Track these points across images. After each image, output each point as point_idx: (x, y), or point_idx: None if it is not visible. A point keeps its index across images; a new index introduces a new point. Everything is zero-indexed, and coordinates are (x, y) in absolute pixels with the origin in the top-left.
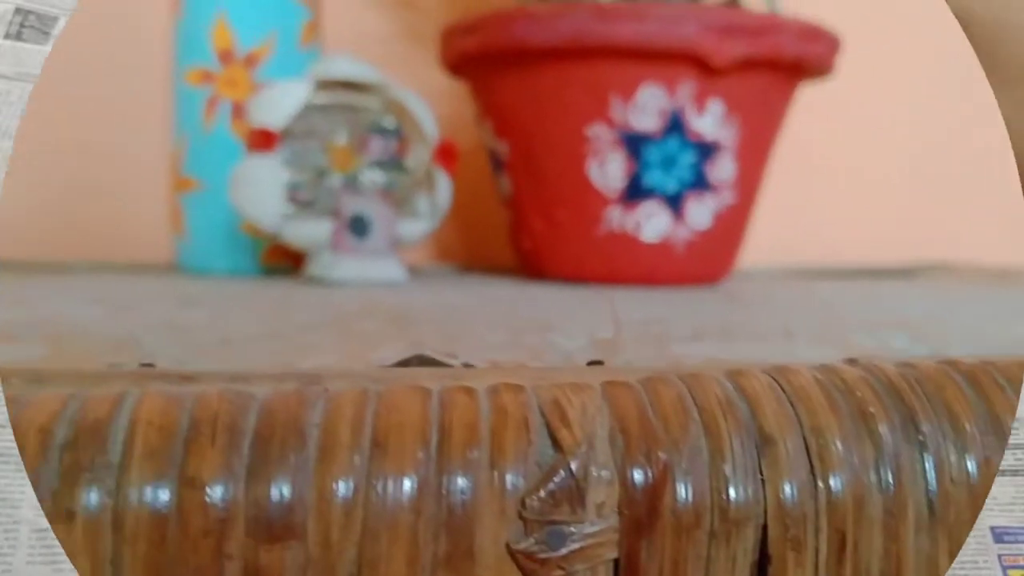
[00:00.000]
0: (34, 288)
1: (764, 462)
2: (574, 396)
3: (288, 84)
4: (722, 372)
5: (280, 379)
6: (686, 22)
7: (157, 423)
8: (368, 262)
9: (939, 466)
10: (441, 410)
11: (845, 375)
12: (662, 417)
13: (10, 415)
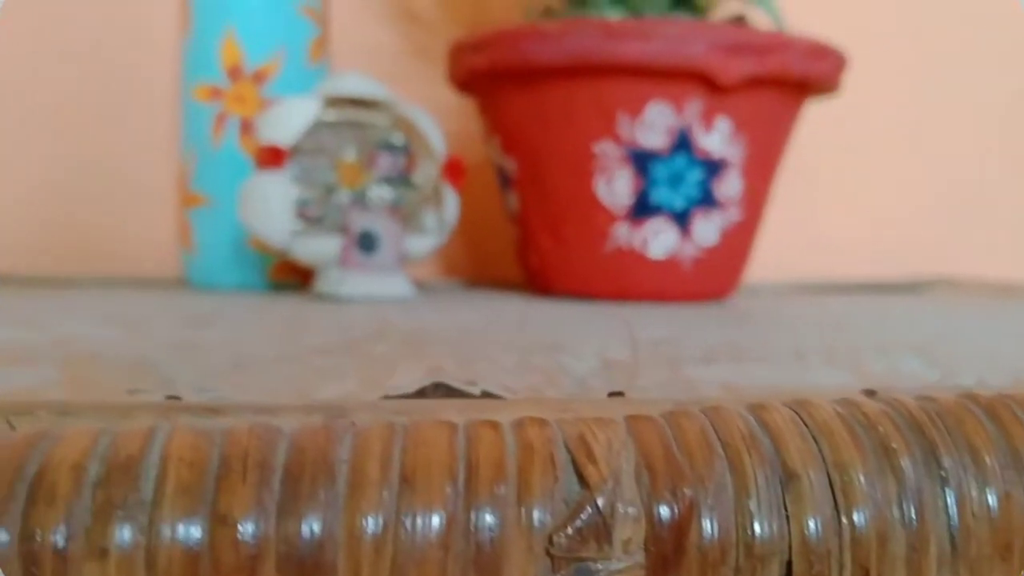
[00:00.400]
0: (44, 305)
1: (788, 497)
2: (599, 431)
3: (297, 101)
4: (743, 405)
5: (305, 411)
6: (694, 40)
7: (188, 459)
8: (376, 278)
9: (960, 500)
10: (467, 445)
11: (866, 409)
12: (687, 452)
13: (41, 450)
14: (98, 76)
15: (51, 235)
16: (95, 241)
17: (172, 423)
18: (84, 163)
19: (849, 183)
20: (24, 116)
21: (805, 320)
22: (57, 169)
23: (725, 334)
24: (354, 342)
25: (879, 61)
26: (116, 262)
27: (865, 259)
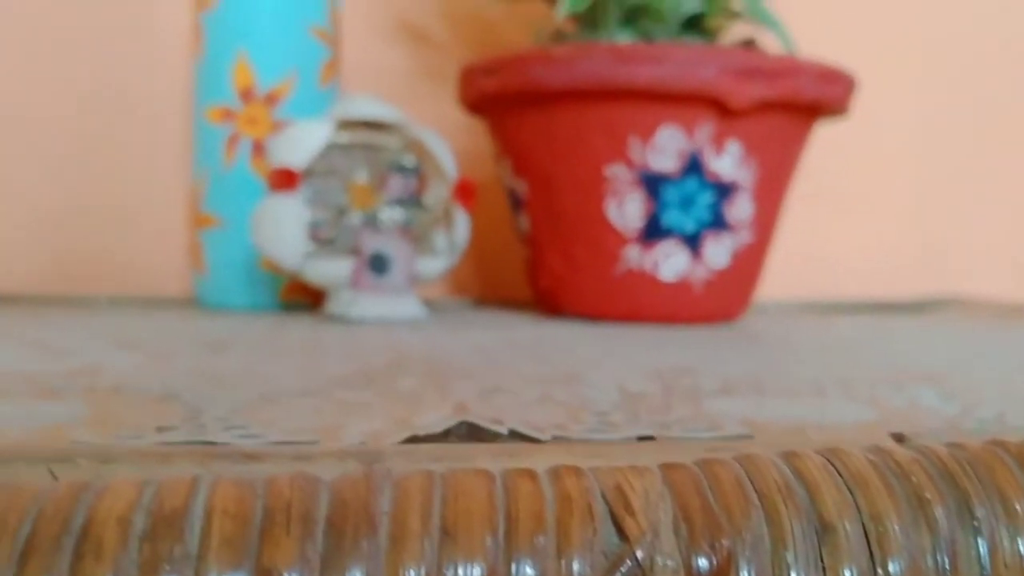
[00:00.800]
0: (59, 327)
1: (825, 549)
2: (635, 481)
3: (310, 124)
4: (776, 453)
5: (340, 456)
6: (704, 65)
7: (232, 512)
8: (388, 300)
9: (993, 550)
10: (506, 496)
11: (898, 457)
12: (723, 503)
13: (86, 503)
14: (108, 96)
15: (61, 255)
16: (104, 261)
17: (213, 472)
18: (93, 183)
19: (854, 202)
20: (35, 136)
21: (818, 346)
22: (67, 189)
23: (742, 363)
24: (375, 373)
25: (885, 81)
26: (125, 282)
27: (871, 278)
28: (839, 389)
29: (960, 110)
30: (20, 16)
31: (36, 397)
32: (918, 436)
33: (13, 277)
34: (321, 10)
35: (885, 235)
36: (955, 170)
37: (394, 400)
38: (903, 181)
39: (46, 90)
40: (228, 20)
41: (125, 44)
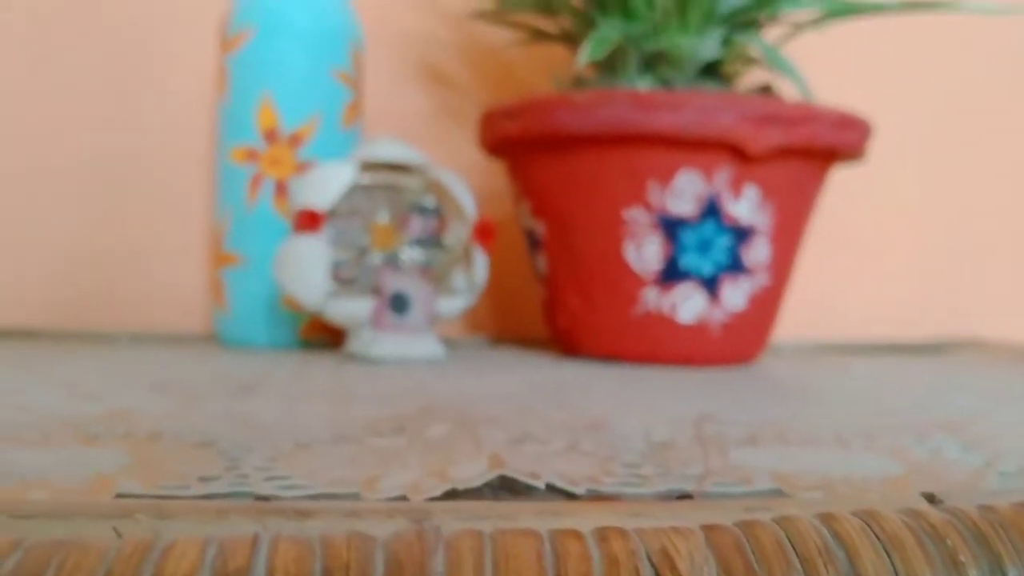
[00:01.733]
0: (88, 366)
1: None
2: (680, 544)
3: (334, 166)
4: (814, 514)
5: (389, 514)
6: (723, 112)
7: (293, 572)
8: (408, 339)
9: None
10: (555, 559)
11: (932, 520)
12: (765, 566)
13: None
14: (131, 135)
15: (82, 290)
16: (125, 296)
17: (269, 530)
18: (115, 220)
19: (869, 243)
20: (58, 173)
21: (838, 391)
22: (89, 226)
23: (764, 411)
24: (404, 418)
25: (900, 125)
26: (146, 318)
27: (885, 319)
28: (862, 440)
29: (973, 153)
30: (45, 55)
31: (78, 443)
32: (947, 495)
33: (35, 311)
34: (344, 53)
35: (900, 277)
36: (969, 213)
37: (427, 449)
38: (917, 223)
39: (70, 128)
40: (253, 62)
41: (150, 83)
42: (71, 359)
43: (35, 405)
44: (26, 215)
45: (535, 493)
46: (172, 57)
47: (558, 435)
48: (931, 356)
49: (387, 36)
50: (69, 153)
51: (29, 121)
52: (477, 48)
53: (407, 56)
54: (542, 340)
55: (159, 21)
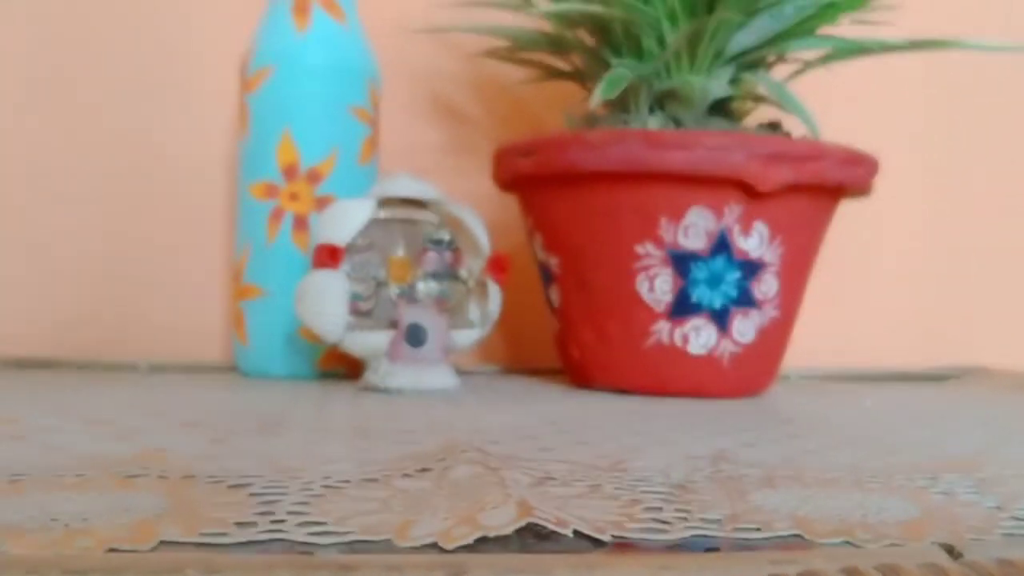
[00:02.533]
0: (116, 401)
1: None
2: None
3: (353, 203)
4: (839, 569)
5: (428, 568)
6: (733, 150)
7: None
8: (423, 371)
9: None
10: None
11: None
12: None
13: None
14: (152, 168)
15: (102, 320)
16: (144, 326)
17: None
18: (134, 252)
19: (874, 274)
20: (80, 205)
21: (849, 426)
22: (109, 258)
23: (778, 448)
24: (428, 457)
25: (904, 158)
26: (164, 347)
27: (890, 348)
28: (877, 480)
29: (976, 185)
30: (68, 91)
31: (116, 486)
32: (966, 546)
33: (56, 341)
34: (361, 91)
35: (905, 307)
36: (973, 243)
37: (455, 492)
38: (922, 254)
39: (91, 160)
40: (273, 100)
41: (171, 119)
42: (97, 392)
43: (68, 444)
44: (47, 246)
45: (562, 538)
46: (192, 94)
47: (579, 476)
48: (937, 385)
49: (402, 72)
50: (90, 185)
51: (51, 154)
52: (489, 84)
53: (421, 91)
54: (553, 370)
55: (179, 59)
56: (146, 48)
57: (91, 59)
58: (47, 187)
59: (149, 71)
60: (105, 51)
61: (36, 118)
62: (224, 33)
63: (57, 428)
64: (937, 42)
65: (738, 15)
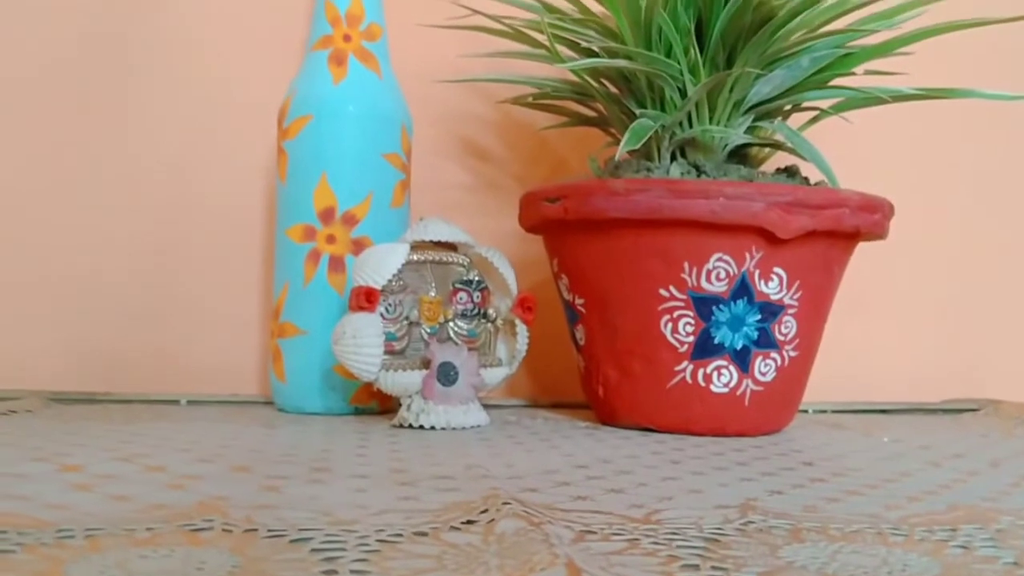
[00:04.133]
0: (167, 445)
1: None
2: None
3: (389, 247)
4: None
5: None
6: (754, 199)
7: None
8: (455, 409)
9: None
10: None
11: None
12: None
13: None
14: (190, 211)
15: (143, 355)
16: (183, 361)
17: None
18: (172, 289)
19: (888, 310)
20: (121, 242)
21: (869, 471)
22: (149, 297)
23: (803, 496)
24: (472, 508)
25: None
26: (201, 382)
27: (904, 383)
28: (899, 533)
29: (987, 224)
30: (114, 132)
31: (185, 541)
32: None
33: (98, 375)
34: (395, 137)
35: (918, 342)
36: (985, 284)
37: (502, 548)
38: (935, 293)
39: (135, 203)
40: (311, 147)
41: (211, 165)
42: (145, 432)
43: (132, 494)
44: (92, 284)
45: None
46: (230, 139)
47: (617, 529)
48: (951, 419)
49: (432, 115)
50: (133, 226)
51: (95, 197)
52: (514, 125)
53: (450, 133)
54: (578, 404)
55: (218, 106)
56: (187, 95)
57: (134, 105)
58: (92, 228)
59: (190, 118)
60: (147, 97)
61: (82, 163)
62: (262, 81)
63: (118, 476)
64: (949, 91)
65: (756, 68)
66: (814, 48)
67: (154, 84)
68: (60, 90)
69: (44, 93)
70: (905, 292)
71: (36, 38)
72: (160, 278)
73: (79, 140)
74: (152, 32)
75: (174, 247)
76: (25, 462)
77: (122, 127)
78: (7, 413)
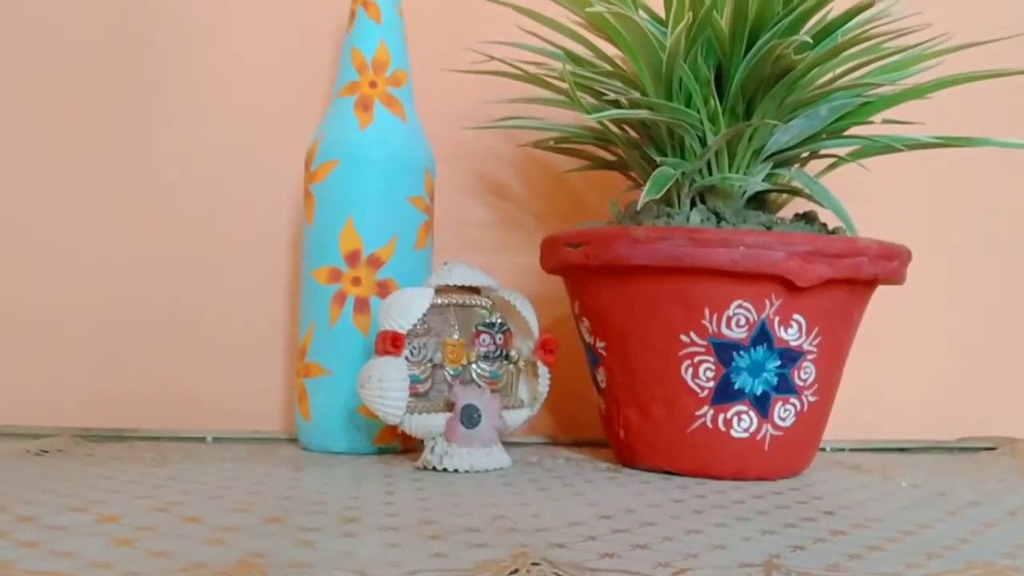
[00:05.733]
0: (199, 491)
1: None
2: None
3: (414, 292)
4: None
5: None
6: (774, 248)
7: None
8: (477, 452)
9: None
10: None
11: None
12: None
13: None
14: (216, 251)
15: (169, 392)
16: (210, 399)
17: None
18: (201, 331)
19: (903, 351)
20: (149, 286)
21: (889, 521)
22: (177, 336)
23: (825, 552)
24: (501, 567)
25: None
26: (227, 419)
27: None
28: None
29: (1000, 265)
30: (143, 174)
31: None
32: None
33: (125, 411)
34: (419, 181)
35: (934, 380)
36: (998, 321)
37: None
38: (948, 331)
39: (164, 244)
40: (337, 191)
41: (238, 207)
42: (176, 476)
43: (172, 549)
44: (117, 321)
45: None
46: (257, 182)
47: None
48: (968, 459)
49: (454, 155)
50: (162, 268)
51: (125, 237)
52: (535, 165)
53: (472, 172)
54: (596, 441)
55: (246, 149)
56: (216, 139)
57: (164, 146)
58: (122, 268)
59: (218, 161)
60: (177, 137)
61: (111, 204)
62: (289, 125)
63: (156, 527)
64: (965, 139)
65: (775, 120)
66: (832, 98)
67: (185, 124)
68: (87, 128)
69: (74, 134)
70: (921, 329)
71: (61, 72)
72: (188, 316)
73: (106, 180)
74: (184, 72)
75: (203, 288)
76: (64, 512)
77: (150, 168)
78: (40, 453)
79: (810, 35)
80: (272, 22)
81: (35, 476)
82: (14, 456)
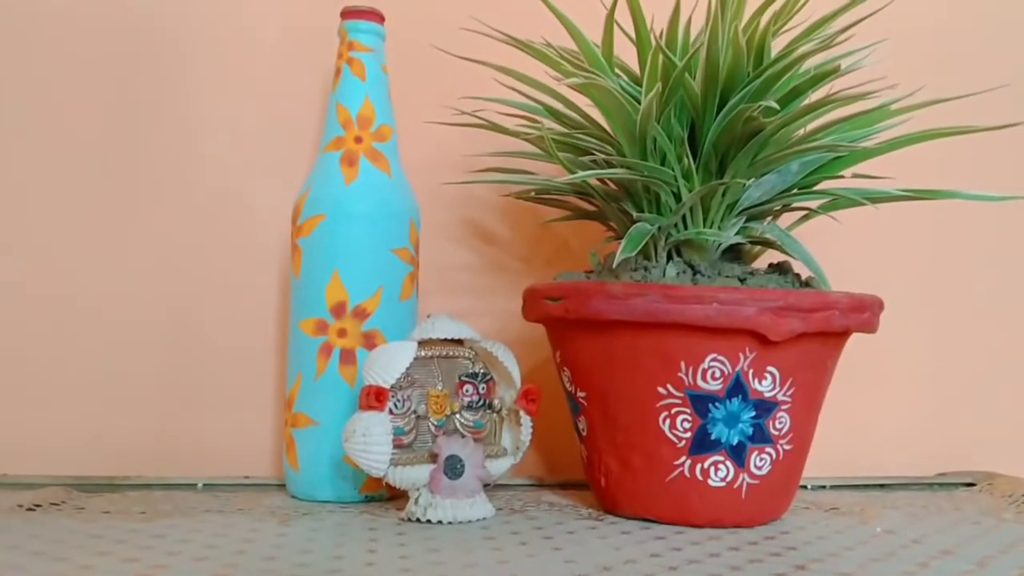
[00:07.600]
0: (191, 547)
1: None
2: None
3: (398, 347)
4: None
5: None
6: (746, 304)
7: None
8: (460, 503)
9: None
10: None
11: None
12: None
13: None
14: (207, 300)
15: (160, 440)
16: (200, 447)
17: None
18: (190, 380)
19: (882, 388)
20: (139, 336)
21: (868, 567)
22: (168, 386)
23: None
24: None
25: (908, 281)
26: (217, 466)
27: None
28: None
29: (977, 303)
30: (130, 228)
31: None
32: None
33: (118, 460)
34: (404, 234)
35: (912, 417)
36: (975, 357)
37: None
38: (930, 367)
39: (152, 297)
40: (324, 245)
41: (225, 260)
42: (164, 533)
43: None
44: (115, 375)
45: None
46: (244, 234)
47: None
48: (946, 497)
49: (438, 202)
50: (150, 319)
51: (116, 289)
52: (518, 211)
53: (455, 218)
54: (581, 482)
55: (232, 202)
56: (206, 191)
57: (150, 198)
58: (110, 316)
59: (208, 212)
60: (165, 190)
61: (99, 255)
62: (277, 179)
63: None
64: (933, 192)
65: (747, 178)
66: (803, 154)
67: (176, 177)
68: (77, 185)
69: (64, 191)
70: (900, 366)
71: (52, 125)
72: (178, 365)
73: (97, 234)
74: (175, 125)
75: (191, 339)
76: None
77: (138, 219)
78: (32, 508)
79: (779, 96)
80: (261, 81)
81: (25, 536)
82: (6, 512)
